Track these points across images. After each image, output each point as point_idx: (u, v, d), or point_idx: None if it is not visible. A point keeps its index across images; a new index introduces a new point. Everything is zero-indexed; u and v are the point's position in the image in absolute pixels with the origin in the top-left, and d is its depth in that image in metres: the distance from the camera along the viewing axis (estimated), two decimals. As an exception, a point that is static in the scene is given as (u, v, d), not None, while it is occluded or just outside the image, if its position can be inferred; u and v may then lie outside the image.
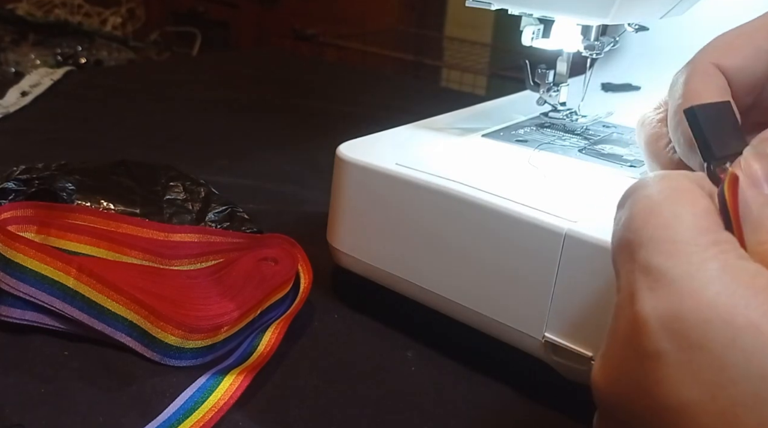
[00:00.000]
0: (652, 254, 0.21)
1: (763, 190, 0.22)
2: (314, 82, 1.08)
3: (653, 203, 0.22)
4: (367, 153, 0.44)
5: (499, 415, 0.38)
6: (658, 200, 0.22)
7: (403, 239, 0.42)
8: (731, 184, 0.22)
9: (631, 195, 0.23)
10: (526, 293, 0.37)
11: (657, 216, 0.22)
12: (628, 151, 0.47)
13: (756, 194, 0.22)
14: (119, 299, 0.39)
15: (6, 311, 0.40)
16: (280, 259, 0.45)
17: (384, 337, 0.44)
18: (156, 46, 1.82)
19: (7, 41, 1.55)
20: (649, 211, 0.22)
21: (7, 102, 0.83)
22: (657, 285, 0.20)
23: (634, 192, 0.23)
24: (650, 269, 0.21)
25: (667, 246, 0.21)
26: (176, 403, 0.36)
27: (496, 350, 0.40)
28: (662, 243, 0.21)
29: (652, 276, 0.21)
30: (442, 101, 0.69)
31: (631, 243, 0.22)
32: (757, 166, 0.22)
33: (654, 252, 0.21)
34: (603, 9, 0.41)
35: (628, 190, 0.24)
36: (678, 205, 0.22)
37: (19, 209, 0.45)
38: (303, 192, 0.65)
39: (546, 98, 0.49)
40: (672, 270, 0.20)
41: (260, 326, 0.42)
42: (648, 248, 0.21)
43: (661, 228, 0.22)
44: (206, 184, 0.54)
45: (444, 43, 1.77)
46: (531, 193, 0.38)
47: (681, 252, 0.21)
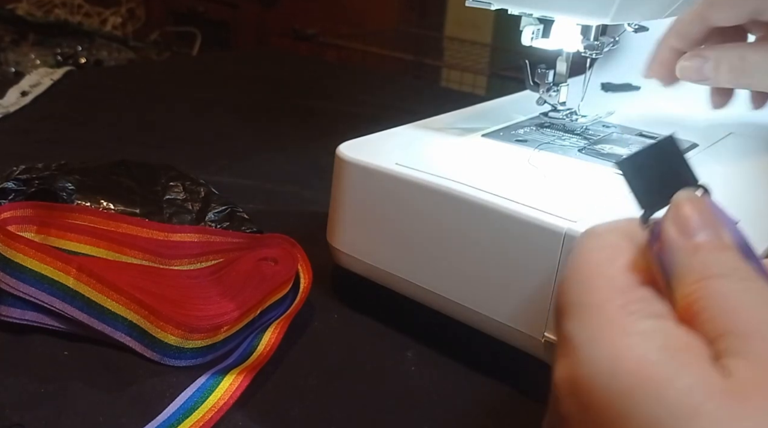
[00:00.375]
0: (567, 320, 0.22)
1: (694, 238, 0.22)
2: (314, 82, 1.08)
3: (575, 267, 0.23)
4: (367, 153, 0.44)
5: (499, 415, 0.38)
6: (579, 263, 0.23)
7: (403, 239, 0.42)
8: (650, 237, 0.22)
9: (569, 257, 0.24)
10: (526, 293, 0.37)
11: (576, 281, 0.22)
12: (628, 151, 0.47)
13: (684, 244, 0.22)
14: (119, 299, 0.39)
15: (6, 311, 0.40)
16: (280, 259, 0.45)
17: (384, 337, 0.44)
18: (156, 46, 1.82)
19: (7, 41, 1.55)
20: (570, 276, 0.23)
21: (7, 102, 0.83)
22: (566, 351, 0.21)
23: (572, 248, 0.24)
24: (564, 335, 0.21)
25: (579, 311, 0.21)
26: (176, 403, 0.36)
27: (496, 350, 0.40)
28: (576, 308, 0.22)
29: (564, 343, 0.21)
30: (442, 101, 0.69)
31: (558, 308, 0.23)
32: (688, 213, 0.22)
33: (569, 319, 0.22)
34: (603, 9, 0.41)
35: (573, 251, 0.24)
36: (596, 267, 0.22)
37: (19, 209, 0.45)
38: (303, 192, 0.65)
39: (546, 98, 0.49)
40: (578, 336, 0.21)
41: (260, 326, 0.42)
42: (566, 314, 0.22)
43: (578, 293, 0.22)
44: (206, 184, 0.54)
45: (444, 43, 1.76)
46: (531, 193, 0.38)
47: (589, 317, 0.21)
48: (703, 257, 0.21)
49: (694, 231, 0.22)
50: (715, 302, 0.20)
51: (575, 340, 0.21)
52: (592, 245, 0.23)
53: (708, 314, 0.20)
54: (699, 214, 0.22)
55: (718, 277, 0.20)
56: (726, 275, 0.21)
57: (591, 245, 0.23)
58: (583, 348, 0.20)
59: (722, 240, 0.22)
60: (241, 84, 1.03)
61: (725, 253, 0.21)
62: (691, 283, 0.21)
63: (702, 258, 0.21)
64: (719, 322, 0.20)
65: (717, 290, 0.20)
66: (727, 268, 0.21)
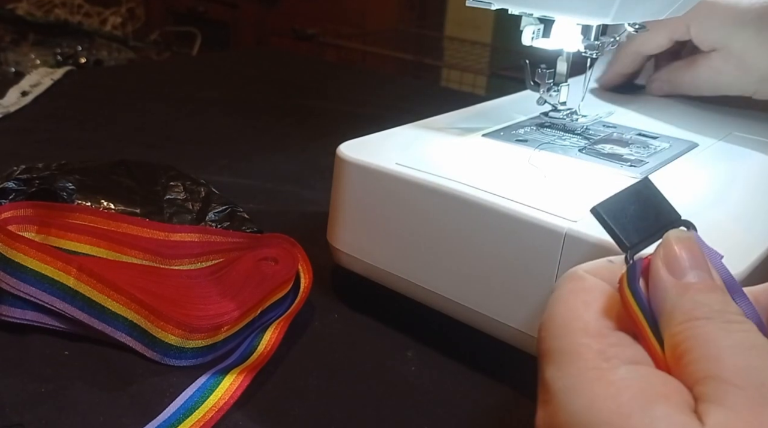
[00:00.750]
0: (547, 366, 0.22)
1: (683, 277, 0.22)
2: (314, 82, 1.08)
3: (553, 312, 0.23)
4: (368, 153, 0.44)
5: (499, 415, 0.38)
6: (556, 308, 0.23)
7: (403, 239, 0.42)
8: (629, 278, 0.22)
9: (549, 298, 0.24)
10: (527, 293, 0.37)
11: (553, 326, 0.22)
12: (629, 151, 0.47)
13: (674, 283, 0.22)
14: (119, 299, 0.39)
15: (6, 311, 0.40)
16: (281, 259, 0.45)
17: (384, 337, 0.44)
18: (156, 45, 1.82)
19: (7, 41, 1.55)
20: (548, 320, 0.23)
21: (7, 102, 0.83)
22: (545, 397, 0.21)
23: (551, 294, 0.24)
24: (544, 381, 0.22)
25: (557, 357, 0.22)
26: (176, 403, 0.36)
27: (496, 350, 0.40)
28: (554, 354, 0.22)
29: (544, 389, 0.22)
30: (442, 101, 0.69)
31: (539, 352, 0.23)
32: (678, 252, 0.22)
33: (548, 364, 0.22)
34: (603, 9, 0.41)
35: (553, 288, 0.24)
36: (571, 312, 0.22)
37: (19, 209, 0.45)
38: (303, 192, 0.65)
39: (546, 98, 0.49)
40: (556, 383, 0.21)
41: (260, 326, 0.42)
42: (545, 359, 0.22)
43: (555, 338, 0.22)
44: (206, 184, 0.54)
45: (444, 42, 1.77)
46: (531, 193, 0.38)
47: (566, 363, 0.21)
48: (692, 297, 0.21)
49: (684, 271, 0.22)
50: (699, 345, 0.20)
51: (553, 387, 0.21)
52: (568, 288, 0.23)
53: (691, 356, 0.20)
54: (689, 254, 0.22)
55: (704, 320, 0.21)
56: (712, 318, 0.21)
57: (568, 288, 0.23)
58: (561, 395, 0.21)
59: (712, 280, 0.22)
60: (241, 84, 1.03)
61: (713, 294, 0.21)
62: (678, 324, 0.21)
63: (690, 298, 0.21)
64: (701, 366, 0.20)
65: (702, 333, 0.20)
66: (714, 311, 0.21)
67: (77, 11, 1.91)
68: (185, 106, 0.90)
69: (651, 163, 0.44)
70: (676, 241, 0.23)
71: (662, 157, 0.46)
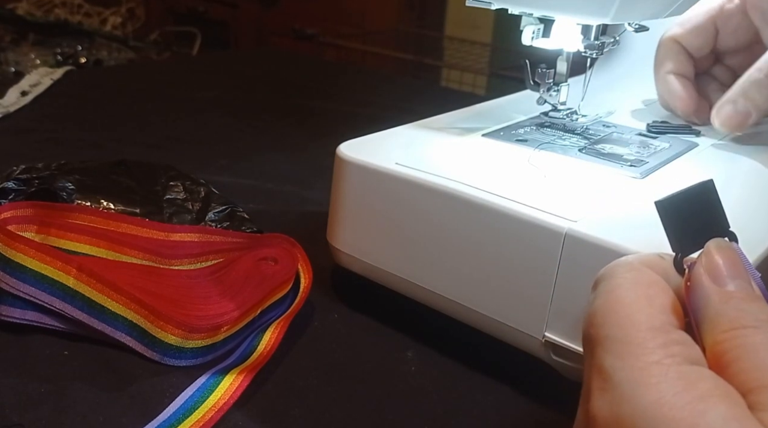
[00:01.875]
0: (606, 354, 0.22)
1: (725, 286, 0.22)
2: (314, 82, 1.07)
3: (613, 300, 0.23)
4: (367, 152, 0.44)
5: (499, 415, 0.38)
6: (618, 296, 0.23)
7: (403, 239, 0.42)
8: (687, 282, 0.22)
9: (600, 282, 0.24)
10: (527, 293, 0.37)
11: (614, 314, 0.22)
12: (629, 151, 0.47)
13: (716, 291, 0.22)
14: (119, 299, 0.39)
15: (6, 311, 0.40)
16: (280, 259, 0.45)
17: (384, 337, 0.44)
18: (156, 45, 1.82)
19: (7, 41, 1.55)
20: (608, 307, 0.23)
21: (7, 101, 0.83)
22: (605, 386, 0.21)
23: (602, 279, 0.24)
24: (602, 369, 0.22)
25: (619, 347, 0.21)
26: (176, 403, 0.36)
27: (496, 350, 0.40)
28: (615, 344, 0.22)
29: (602, 377, 0.21)
30: (442, 101, 0.69)
31: (591, 338, 0.23)
32: (720, 261, 0.22)
33: (607, 353, 0.22)
34: (603, 8, 0.41)
35: (601, 273, 0.24)
36: (635, 303, 0.22)
37: (18, 209, 0.45)
38: (303, 192, 0.65)
39: (546, 98, 0.49)
40: (619, 373, 0.21)
41: (260, 326, 0.42)
42: (603, 347, 0.22)
43: (616, 327, 0.22)
44: (206, 184, 0.54)
45: (444, 42, 1.76)
46: (531, 193, 0.38)
47: (630, 355, 0.21)
48: (735, 306, 0.21)
49: (726, 280, 0.22)
50: (747, 354, 0.20)
51: (616, 377, 0.21)
52: (629, 278, 0.23)
53: (741, 365, 0.20)
54: (731, 264, 0.22)
55: (749, 328, 0.21)
56: (757, 327, 0.21)
57: (628, 278, 0.23)
58: (626, 387, 0.21)
59: (752, 290, 0.22)
60: (241, 84, 1.03)
61: (756, 303, 0.22)
62: (722, 332, 0.21)
63: (734, 306, 0.21)
64: (753, 375, 0.20)
65: (749, 342, 0.20)
66: (759, 320, 0.21)
67: (77, 11, 1.91)
68: (185, 106, 0.90)
69: (651, 163, 0.44)
70: (717, 250, 0.23)
71: (662, 157, 0.46)
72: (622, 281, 0.23)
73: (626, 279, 0.23)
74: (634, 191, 0.41)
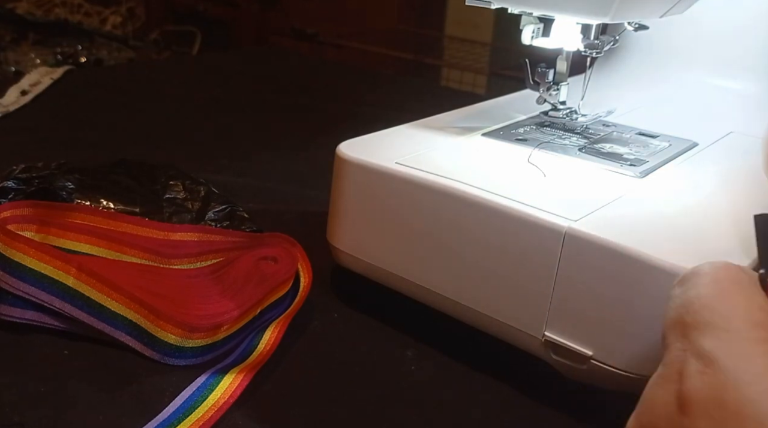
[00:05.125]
0: (707, 339, 0.22)
1: None
2: (314, 82, 1.07)
3: (713, 290, 0.24)
4: (367, 152, 0.44)
5: (499, 415, 0.38)
6: (718, 288, 0.24)
7: (402, 238, 0.42)
8: None
9: (691, 278, 0.25)
10: (526, 292, 0.37)
11: (715, 303, 0.23)
12: (628, 150, 0.47)
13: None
14: (119, 298, 0.39)
15: (6, 310, 0.40)
16: (280, 258, 0.45)
17: (384, 336, 0.44)
18: (156, 45, 1.82)
19: (7, 40, 1.55)
20: (708, 297, 0.23)
21: (6, 101, 0.83)
22: (707, 370, 0.22)
23: (695, 275, 0.25)
24: (702, 353, 0.22)
25: (722, 333, 0.22)
26: (176, 402, 0.36)
27: (496, 349, 0.40)
28: (717, 331, 0.22)
29: (704, 361, 0.22)
30: (442, 100, 0.69)
31: (687, 324, 0.23)
32: None
33: (708, 338, 0.22)
34: (603, 8, 0.41)
35: (690, 272, 0.25)
36: (736, 296, 0.23)
37: (18, 208, 0.45)
38: (303, 191, 0.65)
39: (546, 97, 0.49)
40: (723, 359, 0.22)
41: (260, 325, 0.42)
42: (704, 332, 0.23)
43: (718, 315, 0.23)
44: (206, 183, 0.54)
45: (444, 42, 1.76)
46: (531, 192, 0.38)
47: (734, 342, 0.22)
48: None
49: None
50: None
51: (722, 361, 0.21)
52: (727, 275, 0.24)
53: None
54: None
55: None
56: None
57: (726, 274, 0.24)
58: (732, 372, 0.21)
59: None
60: (241, 83, 1.03)
61: None
62: None
63: None
64: None
65: None
66: None
67: (77, 10, 1.91)
68: (185, 106, 0.90)
69: (651, 162, 0.44)
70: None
71: (662, 157, 0.46)
72: (722, 275, 0.24)
73: (725, 275, 0.24)
74: (634, 190, 0.41)
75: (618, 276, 0.34)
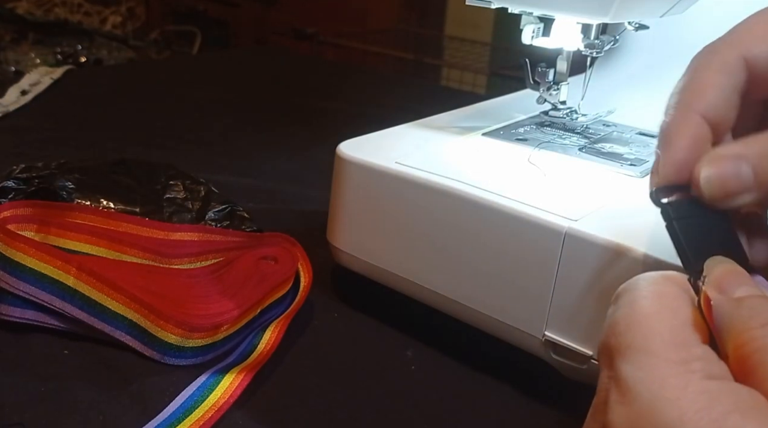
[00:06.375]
0: (626, 365, 0.21)
1: (731, 293, 0.22)
2: (314, 81, 1.07)
3: (636, 310, 0.23)
4: (367, 152, 0.44)
5: (499, 415, 0.38)
6: (642, 307, 0.23)
7: (403, 238, 0.42)
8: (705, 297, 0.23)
9: (623, 295, 0.24)
10: (526, 292, 0.37)
11: (637, 324, 0.22)
12: (629, 150, 0.47)
13: (725, 300, 0.22)
14: (119, 298, 0.39)
15: (6, 310, 0.40)
16: (280, 258, 0.45)
17: (384, 336, 0.44)
18: (156, 45, 1.82)
19: (7, 40, 1.55)
20: (632, 318, 0.22)
21: (6, 101, 0.83)
22: (624, 398, 0.21)
23: (626, 292, 0.24)
24: (621, 379, 0.21)
25: (641, 357, 0.21)
26: (176, 402, 0.36)
27: (496, 349, 0.40)
28: (636, 354, 0.21)
29: (621, 388, 0.21)
30: (442, 100, 0.69)
31: (611, 348, 0.23)
32: (719, 272, 0.23)
33: (627, 362, 0.21)
34: (603, 7, 0.41)
35: (623, 287, 0.24)
36: (658, 315, 0.22)
37: (18, 208, 0.45)
38: (303, 191, 0.65)
39: (546, 97, 0.49)
40: (638, 385, 0.21)
41: (260, 325, 0.42)
42: (624, 357, 0.22)
43: (639, 337, 0.22)
44: (206, 183, 0.54)
45: (444, 41, 1.76)
46: (531, 192, 0.38)
47: (651, 367, 0.21)
48: (748, 306, 0.21)
49: (732, 288, 0.22)
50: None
51: (636, 388, 0.21)
52: (653, 290, 0.23)
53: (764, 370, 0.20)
54: (733, 273, 0.23)
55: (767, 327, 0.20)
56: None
57: (652, 290, 0.23)
58: (646, 401, 0.20)
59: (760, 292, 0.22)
60: (241, 83, 1.03)
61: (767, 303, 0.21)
62: (741, 333, 0.21)
63: (747, 306, 0.21)
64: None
65: None
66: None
67: (77, 10, 1.91)
68: (185, 105, 0.90)
69: (651, 162, 0.44)
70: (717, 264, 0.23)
71: (662, 156, 0.46)
72: (647, 293, 0.23)
73: (651, 291, 0.23)
74: (634, 190, 0.41)
75: (618, 276, 0.34)
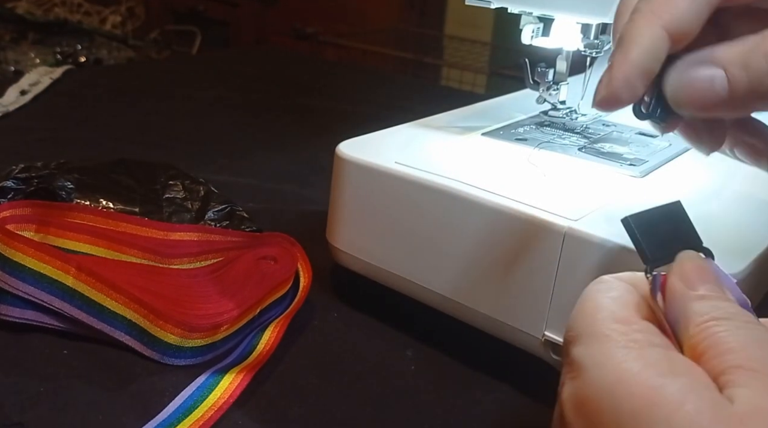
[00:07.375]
0: (576, 346, 0.23)
1: (697, 290, 0.23)
2: (314, 81, 1.07)
3: (579, 307, 0.24)
4: (367, 151, 0.44)
5: (499, 415, 0.38)
6: (584, 301, 0.24)
7: (402, 238, 0.42)
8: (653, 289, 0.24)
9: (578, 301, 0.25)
10: (526, 291, 0.37)
11: (581, 316, 0.24)
12: (628, 150, 0.47)
13: (689, 294, 0.23)
14: (118, 298, 0.39)
15: (5, 310, 0.40)
16: (280, 258, 0.45)
17: (384, 336, 0.44)
18: (156, 44, 1.82)
19: (6, 40, 1.55)
20: (577, 313, 0.24)
21: (6, 101, 0.83)
22: (574, 374, 0.23)
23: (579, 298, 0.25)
24: (572, 360, 0.23)
25: (586, 338, 0.23)
26: (176, 402, 0.36)
27: (496, 349, 0.40)
28: (582, 338, 0.23)
29: (572, 366, 0.23)
30: (442, 100, 0.69)
31: (566, 339, 0.24)
32: (690, 268, 0.24)
33: (577, 345, 0.23)
34: (603, 7, 0.41)
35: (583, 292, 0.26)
36: (600, 303, 0.24)
37: (18, 208, 0.45)
38: (302, 191, 0.65)
39: (546, 97, 0.49)
40: (586, 360, 0.22)
41: (260, 325, 0.42)
42: (574, 343, 0.23)
43: (583, 325, 0.24)
44: (205, 183, 0.54)
45: (444, 41, 1.76)
46: (531, 192, 0.38)
47: (596, 342, 0.23)
48: (708, 302, 0.23)
49: (697, 285, 0.23)
50: (719, 341, 0.21)
51: (582, 363, 0.22)
52: (595, 289, 0.25)
53: (713, 352, 0.21)
54: (700, 271, 0.24)
55: (722, 319, 0.22)
56: (729, 318, 0.22)
57: (595, 289, 0.25)
58: (590, 370, 0.22)
59: (723, 293, 0.23)
60: (240, 83, 1.03)
61: (728, 303, 0.23)
62: (696, 326, 0.22)
63: (707, 303, 0.23)
64: (726, 358, 0.21)
65: (721, 330, 0.22)
66: (730, 313, 0.22)
67: (77, 10, 1.91)
68: (185, 106, 0.90)
69: (651, 162, 0.44)
70: (689, 259, 0.24)
71: (662, 156, 0.46)
72: (590, 293, 0.25)
73: (593, 290, 0.25)
74: (634, 190, 0.41)
75: (618, 276, 0.34)
